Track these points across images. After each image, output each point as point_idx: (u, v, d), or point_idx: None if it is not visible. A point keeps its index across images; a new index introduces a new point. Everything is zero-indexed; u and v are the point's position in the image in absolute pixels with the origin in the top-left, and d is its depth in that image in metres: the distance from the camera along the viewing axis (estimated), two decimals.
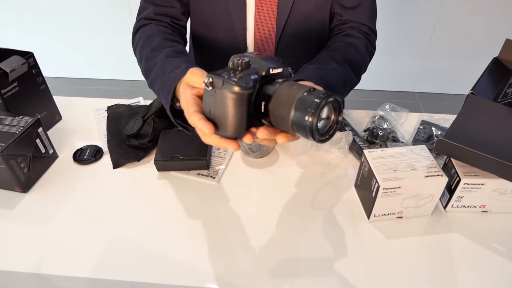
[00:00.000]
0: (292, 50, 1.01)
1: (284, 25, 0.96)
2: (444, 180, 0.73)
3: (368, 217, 0.78)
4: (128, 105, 1.11)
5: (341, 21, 0.97)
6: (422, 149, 0.78)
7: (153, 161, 0.89)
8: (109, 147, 0.96)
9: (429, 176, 0.72)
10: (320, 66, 0.84)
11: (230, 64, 0.59)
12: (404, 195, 0.73)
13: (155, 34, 0.92)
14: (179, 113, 0.76)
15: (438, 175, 0.72)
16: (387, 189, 0.71)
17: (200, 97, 0.65)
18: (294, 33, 0.98)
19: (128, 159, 0.93)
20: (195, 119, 0.61)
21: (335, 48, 0.92)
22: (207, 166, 0.90)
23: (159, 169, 0.90)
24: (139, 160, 0.93)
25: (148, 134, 0.95)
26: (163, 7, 0.97)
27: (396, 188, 0.72)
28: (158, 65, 0.82)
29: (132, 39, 0.99)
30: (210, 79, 0.57)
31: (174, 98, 0.75)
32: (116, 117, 1.05)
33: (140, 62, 0.91)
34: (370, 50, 0.96)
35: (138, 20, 0.99)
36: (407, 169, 0.73)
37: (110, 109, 1.09)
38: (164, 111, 0.99)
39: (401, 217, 0.79)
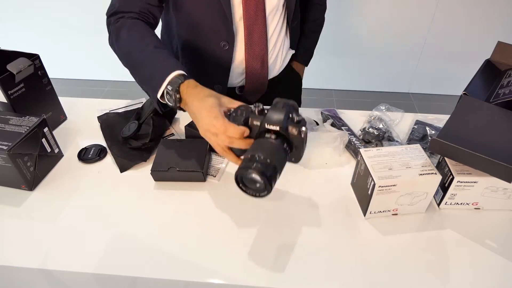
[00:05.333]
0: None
1: None
2: (438, 178, 0.75)
3: (364, 214, 0.80)
4: (117, 113, 1.10)
5: None
6: (417, 148, 0.80)
7: (150, 172, 0.89)
8: (112, 152, 0.97)
9: (423, 174, 0.74)
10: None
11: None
12: (399, 193, 0.75)
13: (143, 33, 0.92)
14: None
15: (432, 173, 0.74)
16: (382, 187, 0.73)
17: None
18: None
19: (134, 161, 0.93)
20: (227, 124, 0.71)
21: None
22: (203, 178, 0.89)
23: (156, 179, 0.89)
24: (145, 160, 0.93)
25: (148, 134, 0.95)
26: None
27: (391, 186, 0.74)
28: (148, 56, 0.86)
29: (110, 38, 0.97)
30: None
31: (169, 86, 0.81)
32: (110, 125, 1.05)
33: (124, 56, 0.93)
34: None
35: (112, 16, 0.96)
36: (402, 168, 0.75)
37: (100, 118, 1.09)
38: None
39: (396, 214, 0.81)
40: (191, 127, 0.99)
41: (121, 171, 0.92)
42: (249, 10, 0.99)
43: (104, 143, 1.00)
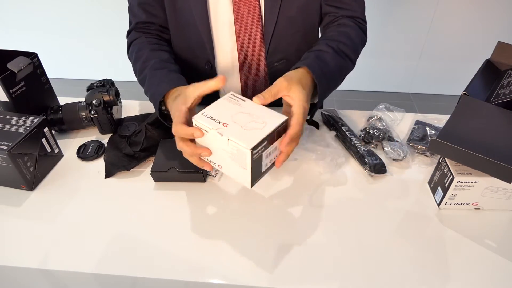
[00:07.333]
0: (280, 52, 1.03)
1: (272, 32, 0.97)
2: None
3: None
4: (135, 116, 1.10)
5: (335, 17, 1.00)
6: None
7: (150, 172, 0.88)
8: (105, 156, 0.95)
9: None
10: (318, 54, 0.88)
11: None
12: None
13: (144, 46, 0.99)
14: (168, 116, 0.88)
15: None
16: None
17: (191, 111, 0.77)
18: (282, 37, 1.00)
19: (118, 168, 0.91)
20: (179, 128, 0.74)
21: (330, 36, 0.95)
22: (203, 179, 0.89)
23: (156, 179, 0.89)
24: (128, 169, 0.91)
25: (141, 142, 0.93)
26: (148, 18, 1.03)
27: None
28: (147, 79, 0.91)
29: (127, 53, 1.05)
30: None
31: (163, 103, 0.87)
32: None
33: (135, 74, 0.99)
34: (362, 38, 1.01)
35: (129, 33, 1.05)
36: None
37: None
38: (159, 121, 0.99)
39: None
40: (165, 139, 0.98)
41: (106, 176, 0.91)
42: None
43: (103, 140, 1.00)
